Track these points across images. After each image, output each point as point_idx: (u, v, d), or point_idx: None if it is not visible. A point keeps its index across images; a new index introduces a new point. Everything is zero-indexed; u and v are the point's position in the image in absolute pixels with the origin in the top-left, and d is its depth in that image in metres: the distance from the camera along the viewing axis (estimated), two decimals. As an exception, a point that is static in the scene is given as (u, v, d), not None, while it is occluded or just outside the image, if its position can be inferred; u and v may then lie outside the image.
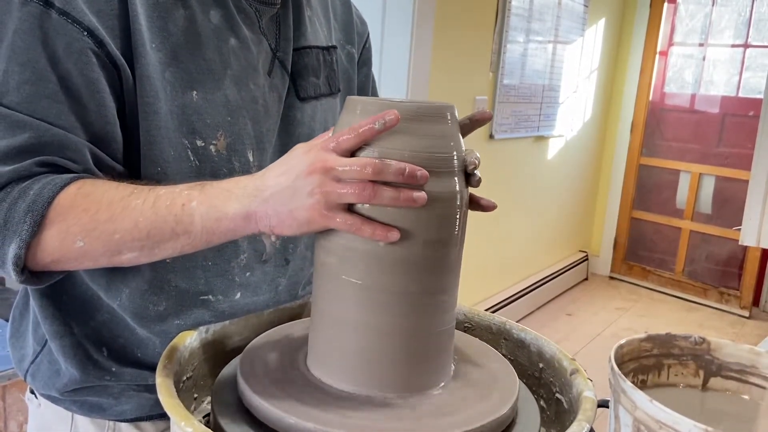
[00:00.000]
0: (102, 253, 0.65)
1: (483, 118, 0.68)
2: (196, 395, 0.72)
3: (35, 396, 0.87)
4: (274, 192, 0.60)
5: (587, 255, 4.23)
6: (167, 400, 0.57)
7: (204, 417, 0.70)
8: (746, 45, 3.76)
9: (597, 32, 3.75)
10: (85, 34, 0.65)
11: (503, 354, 0.76)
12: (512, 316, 3.18)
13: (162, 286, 0.77)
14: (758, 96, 3.59)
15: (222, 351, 0.75)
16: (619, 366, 0.68)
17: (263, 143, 0.80)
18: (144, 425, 0.83)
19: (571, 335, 3.33)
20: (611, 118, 4.15)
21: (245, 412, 0.62)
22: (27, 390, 0.89)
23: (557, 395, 0.73)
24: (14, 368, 0.90)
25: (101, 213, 0.63)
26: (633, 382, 0.69)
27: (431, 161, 0.60)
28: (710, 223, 3.90)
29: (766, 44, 3.73)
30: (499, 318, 0.83)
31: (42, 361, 0.82)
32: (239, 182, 0.63)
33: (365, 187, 0.57)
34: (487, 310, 1.10)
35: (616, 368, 0.66)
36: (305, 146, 0.61)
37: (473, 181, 0.64)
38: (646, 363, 0.76)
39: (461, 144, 0.64)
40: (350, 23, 0.98)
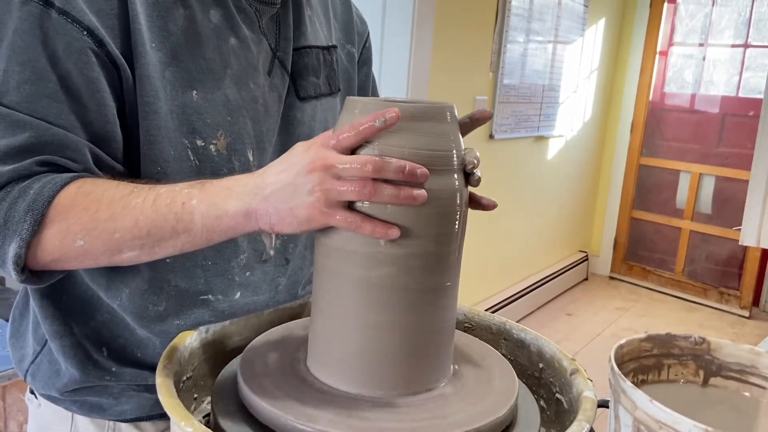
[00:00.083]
0: (102, 252, 0.65)
1: (483, 117, 0.68)
2: (196, 395, 0.72)
3: (35, 396, 0.87)
4: (275, 189, 0.60)
5: (587, 255, 4.23)
6: (167, 400, 0.57)
7: (204, 417, 0.70)
8: (746, 45, 3.76)
9: (597, 32, 3.75)
10: (85, 34, 0.65)
11: (503, 354, 0.76)
12: (512, 316, 3.18)
13: (162, 286, 0.77)
14: (758, 96, 3.59)
15: (222, 351, 0.75)
16: (619, 366, 0.68)
17: (263, 143, 0.80)
18: (144, 425, 0.83)
19: (571, 335, 3.33)
20: (611, 118, 4.15)
21: (245, 412, 0.62)
22: (27, 390, 0.89)
23: (557, 395, 0.73)
24: (14, 368, 0.90)
25: (101, 212, 0.63)
26: (633, 382, 0.69)
27: (431, 159, 0.60)
28: (710, 223, 3.90)
29: (766, 44, 3.73)
30: (499, 318, 0.83)
31: (42, 361, 0.82)
32: (239, 180, 0.63)
33: (365, 185, 0.57)
34: (487, 310, 1.10)
35: (616, 368, 0.66)
36: (305, 144, 0.61)
37: (473, 180, 0.64)
38: (646, 363, 0.76)
39: (461, 143, 0.64)
40: (350, 23, 0.98)
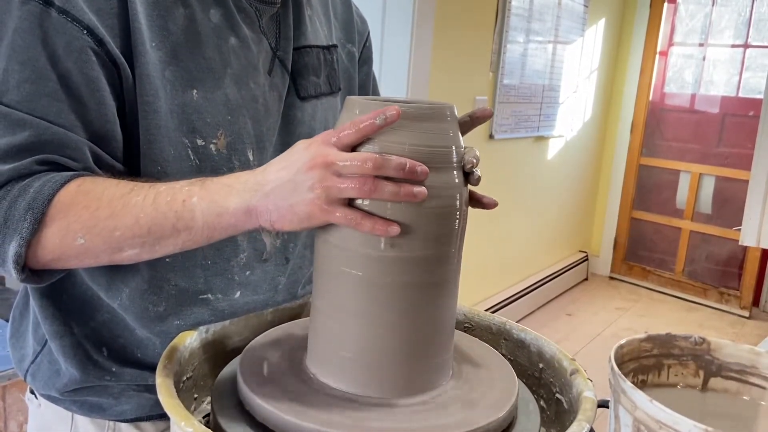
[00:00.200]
0: (103, 250, 0.65)
1: (483, 116, 0.68)
2: (196, 395, 0.72)
3: (35, 396, 0.87)
4: (275, 186, 0.60)
5: (587, 255, 4.23)
6: (167, 400, 0.57)
7: (204, 417, 0.70)
8: (746, 45, 3.76)
9: (597, 32, 3.75)
10: (85, 33, 0.65)
11: (503, 354, 0.76)
12: (512, 316, 3.18)
13: (161, 286, 0.77)
14: (758, 96, 3.59)
15: (222, 351, 0.75)
16: (619, 366, 0.68)
17: (263, 142, 0.80)
18: (144, 425, 0.83)
19: (571, 335, 3.33)
20: (611, 118, 4.15)
21: (245, 412, 0.62)
22: (27, 390, 0.89)
23: (557, 395, 0.73)
24: (14, 368, 0.90)
25: (102, 210, 0.63)
26: (633, 382, 0.69)
27: (431, 157, 0.60)
28: (710, 223, 3.90)
29: (766, 44, 3.73)
30: (499, 318, 0.83)
31: (42, 361, 0.82)
32: (240, 177, 0.63)
33: (366, 182, 0.57)
34: (487, 310, 1.10)
35: (616, 368, 0.66)
36: (306, 142, 0.61)
37: (473, 179, 0.64)
38: (646, 363, 0.76)
39: (461, 141, 0.64)
40: (350, 22, 0.98)
